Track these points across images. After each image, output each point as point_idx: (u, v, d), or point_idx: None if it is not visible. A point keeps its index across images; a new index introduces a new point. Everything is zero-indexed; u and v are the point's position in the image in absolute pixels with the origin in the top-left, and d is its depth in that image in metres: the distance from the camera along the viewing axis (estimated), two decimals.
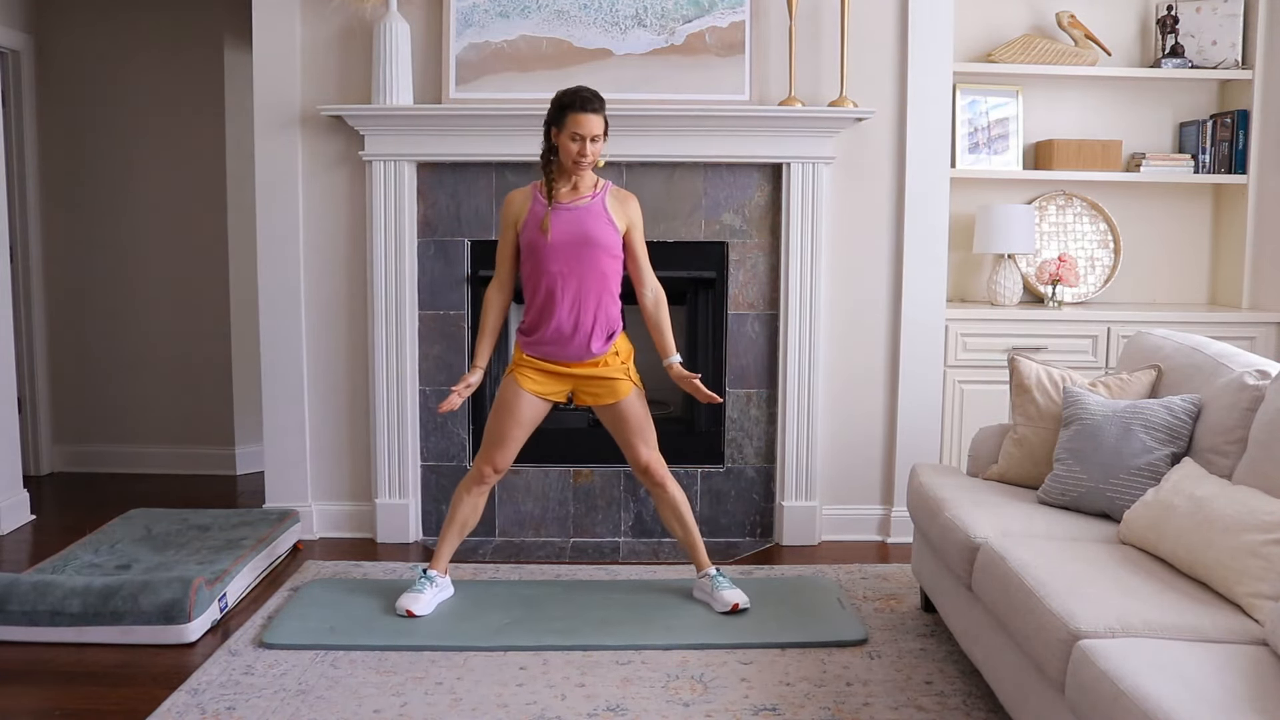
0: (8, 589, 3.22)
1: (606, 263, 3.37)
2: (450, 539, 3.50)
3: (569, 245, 3.33)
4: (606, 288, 3.39)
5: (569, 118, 3.29)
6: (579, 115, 3.28)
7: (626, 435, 3.48)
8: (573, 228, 3.34)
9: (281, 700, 2.84)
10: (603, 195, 3.40)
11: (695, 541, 3.54)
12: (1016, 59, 4.36)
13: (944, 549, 2.94)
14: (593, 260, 3.34)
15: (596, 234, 3.34)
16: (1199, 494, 2.51)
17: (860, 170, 4.15)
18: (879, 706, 2.81)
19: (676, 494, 3.52)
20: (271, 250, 4.16)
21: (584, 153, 3.30)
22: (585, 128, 3.28)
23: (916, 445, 4.20)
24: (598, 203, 3.38)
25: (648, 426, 3.50)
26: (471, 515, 3.50)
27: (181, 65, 5.15)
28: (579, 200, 3.37)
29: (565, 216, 3.34)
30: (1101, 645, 2.08)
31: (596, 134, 3.30)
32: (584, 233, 3.33)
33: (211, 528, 3.99)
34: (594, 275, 3.35)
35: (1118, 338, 4.20)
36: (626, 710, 2.79)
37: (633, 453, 3.50)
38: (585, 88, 3.35)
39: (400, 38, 3.98)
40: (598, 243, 3.34)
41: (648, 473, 3.49)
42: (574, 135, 3.29)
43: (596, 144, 3.32)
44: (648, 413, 3.51)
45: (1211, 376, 2.93)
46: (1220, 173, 4.42)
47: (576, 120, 3.28)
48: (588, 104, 3.29)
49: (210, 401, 5.30)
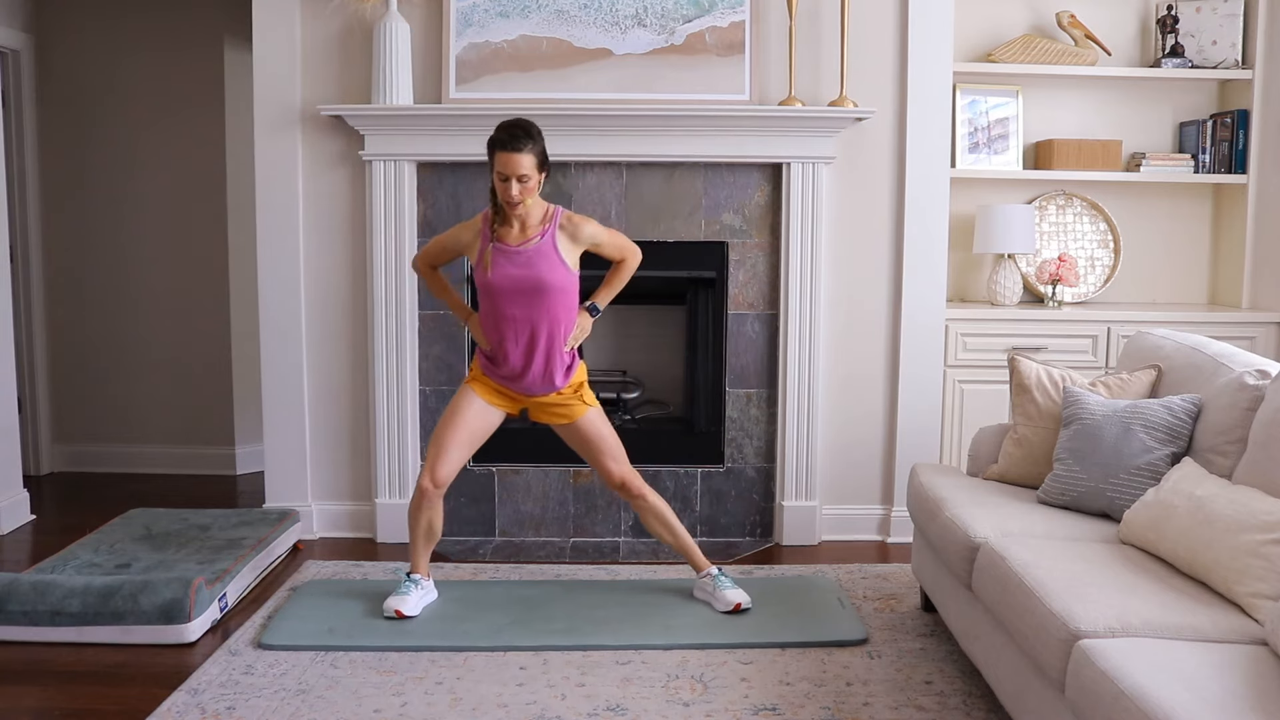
0: (8, 589, 3.22)
1: (561, 303, 3.28)
2: (420, 547, 3.44)
3: (521, 291, 3.24)
4: (562, 327, 3.31)
5: (494, 156, 3.14)
6: (502, 154, 3.13)
7: (592, 454, 3.45)
8: (524, 271, 3.23)
9: (281, 700, 2.84)
10: (552, 232, 3.26)
11: (687, 544, 3.53)
12: (1016, 59, 4.36)
13: (944, 549, 2.94)
14: (547, 304, 3.26)
15: (548, 277, 3.24)
16: (1199, 494, 2.51)
17: (860, 170, 4.15)
18: (879, 706, 2.81)
19: (657, 502, 3.50)
20: (271, 250, 4.16)
21: (510, 194, 3.15)
22: (510, 167, 3.12)
23: (916, 445, 4.20)
24: (547, 242, 3.25)
25: (612, 442, 3.45)
26: (429, 528, 3.41)
27: (181, 65, 5.15)
28: (528, 242, 3.25)
29: (516, 259, 3.24)
30: (1101, 645, 2.08)
31: (524, 173, 3.12)
32: (535, 277, 3.23)
33: (211, 528, 3.99)
34: (549, 318, 3.28)
35: (1118, 338, 4.20)
36: (626, 710, 2.79)
37: (603, 471, 3.46)
38: (516, 123, 3.17)
39: (400, 38, 3.98)
40: (550, 287, 3.24)
41: (624, 488, 3.45)
42: (500, 175, 3.15)
43: (527, 183, 3.14)
44: (610, 428, 3.47)
45: (1211, 376, 2.93)
46: (1220, 173, 4.42)
47: (500, 160, 3.13)
48: (510, 142, 3.11)
49: (210, 401, 5.30)
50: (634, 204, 4.14)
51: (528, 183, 3.15)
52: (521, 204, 3.19)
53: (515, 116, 3.24)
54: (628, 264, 3.45)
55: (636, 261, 3.46)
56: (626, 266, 3.45)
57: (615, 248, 3.41)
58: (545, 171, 3.23)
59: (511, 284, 3.25)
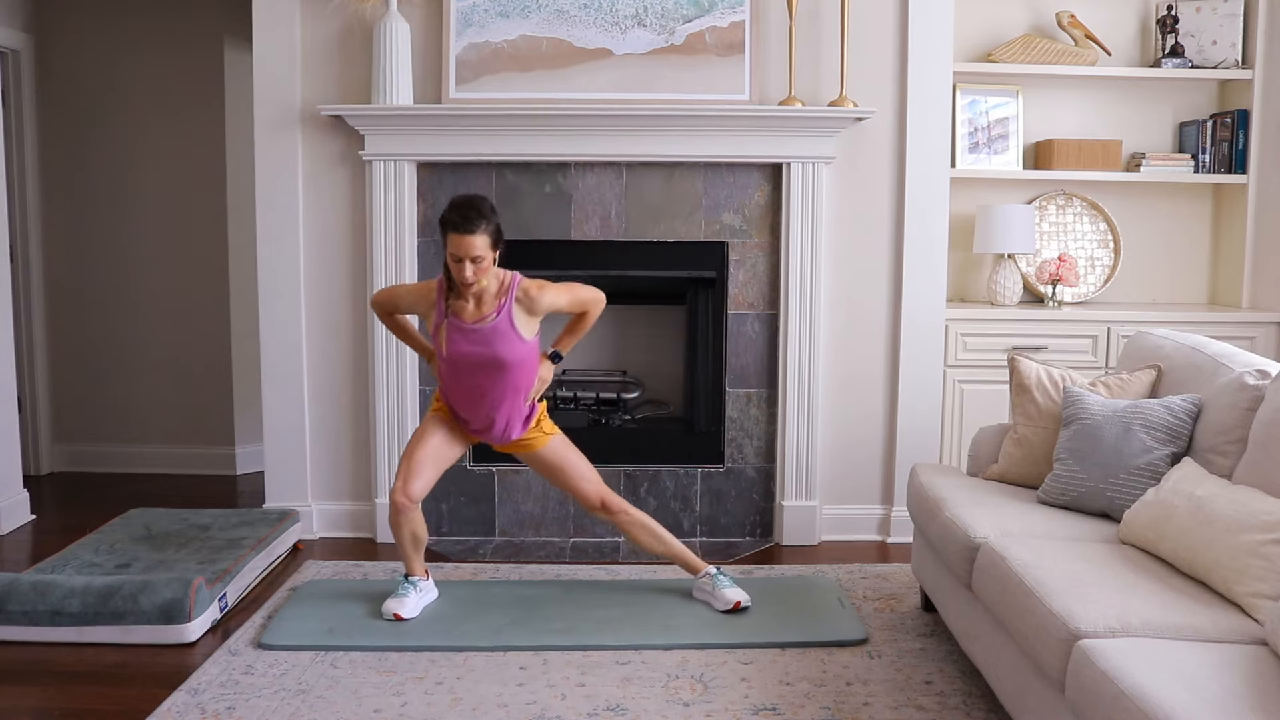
0: (8, 589, 3.22)
1: (520, 371, 3.25)
2: (409, 553, 3.41)
3: (477, 366, 3.21)
4: (522, 390, 3.29)
5: (446, 236, 3.05)
6: (454, 236, 3.02)
7: (562, 480, 3.43)
8: (480, 348, 3.18)
9: (281, 700, 2.84)
10: (508, 308, 3.18)
11: (679, 551, 3.52)
12: (1016, 59, 4.36)
13: (944, 549, 2.94)
14: (505, 375, 3.22)
15: (505, 354, 3.18)
16: (1199, 494, 2.51)
17: (860, 170, 4.15)
18: (879, 706, 2.81)
19: (640, 515, 3.49)
20: (271, 250, 4.16)
21: (464, 275, 3.05)
22: (462, 249, 3.01)
23: (916, 445, 4.20)
24: (503, 320, 3.17)
25: (581, 465, 3.43)
26: (413, 537, 3.37)
27: (181, 65, 5.15)
28: (483, 320, 3.18)
29: (472, 337, 3.18)
30: (1101, 645, 2.08)
31: (478, 254, 3.02)
32: (492, 355, 3.18)
33: (211, 527, 3.99)
34: (508, 385, 3.24)
35: (1118, 338, 4.20)
36: (626, 710, 2.79)
37: (578, 494, 3.44)
38: (469, 203, 3.06)
39: (400, 38, 3.98)
40: (506, 363, 3.20)
41: (605, 508, 3.43)
42: (453, 255, 3.04)
43: (480, 263, 3.05)
44: (575, 451, 3.45)
45: (1211, 376, 2.93)
46: (1220, 172, 4.42)
47: (453, 241, 3.03)
48: (463, 224, 3.00)
49: (210, 401, 5.30)
50: (634, 204, 4.14)
51: (481, 263, 3.06)
52: (476, 284, 3.12)
53: (467, 195, 3.14)
54: (590, 315, 3.36)
55: (599, 310, 3.36)
56: (590, 316, 3.37)
57: (576, 304, 3.31)
58: (499, 248, 3.14)
59: (468, 360, 3.22)
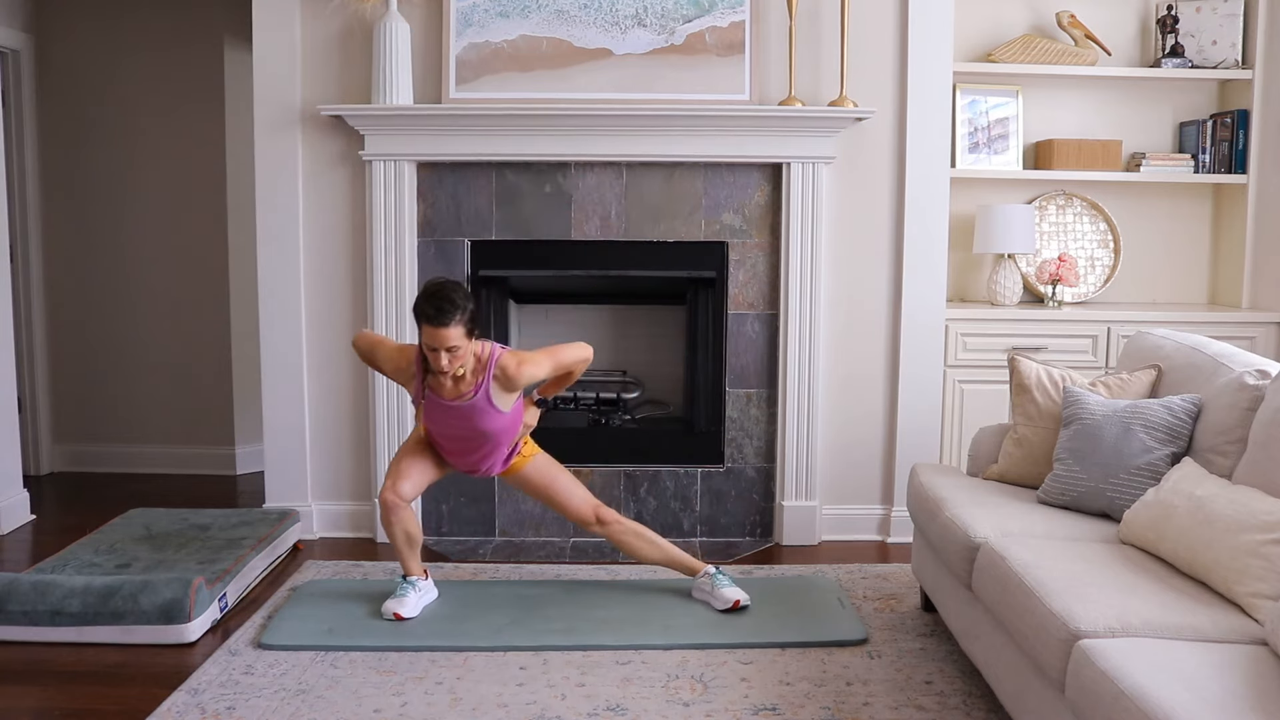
0: (8, 589, 3.22)
1: (503, 435, 3.28)
2: (405, 553, 3.41)
3: (459, 434, 3.26)
4: (504, 444, 3.32)
5: (421, 327, 3.03)
6: (428, 329, 3.00)
7: (549, 498, 3.45)
8: (461, 423, 3.22)
9: (281, 700, 2.84)
10: (486, 386, 3.17)
11: (675, 555, 3.52)
12: (1016, 59, 4.36)
13: (944, 549, 2.94)
14: (487, 440, 3.27)
15: (484, 427, 3.22)
16: (1199, 494, 2.51)
17: (860, 170, 4.15)
18: (879, 706, 2.81)
19: (632, 523, 3.51)
20: (271, 250, 4.16)
21: (440, 365, 3.05)
22: (437, 340, 3.00)
23: (916, 445, 4.20)
24: (481, 398, 3.18)
25: (566, 481, 3.45)
26: (406, 536, 3.37)
27: (181, 65, 5.15)
28: (462, 398, 3.19)
29: (451, 414, 3.21)
30: (1101, 645, 2.08)
31: (453, 344, 3.01)
32: (471, 428, 3.22)
33: (211, 527, 3.99)
34: (491, 444, 3.29)
35: (1118, 338, 4.20)
36: (626, 710, 2.79)
37: (570, 510, 3.45)
38: (441, 293, 3.00)
39: (400, 38, 3.98)
40: (487, 436, 3.25)
41: (599, 520, 3.44)
42: (429, 346, 3.03)
43: (456, 353, 3.03)
44: (559, 467, 3.48)
45: (1211, 376, 2.93)
46: (1220, 173, 4.42)
47: (427, 333, 3.01)
48: (437, 317, 2.97)
49: (210, 401, 5.30)
50: (634, 204, 4.14)
51: (457, 352, 3.05)
52: (453, 372, 3.12)
53: (440, 283, 3.08)
54: (575, 374, 3.36)
55: (585, 367, 3.36)
56: (575, 375, 3.36)
57: (558, 369, 3.30)
58: (475, 333, 3.12)
59: (449, 429, 3.27)
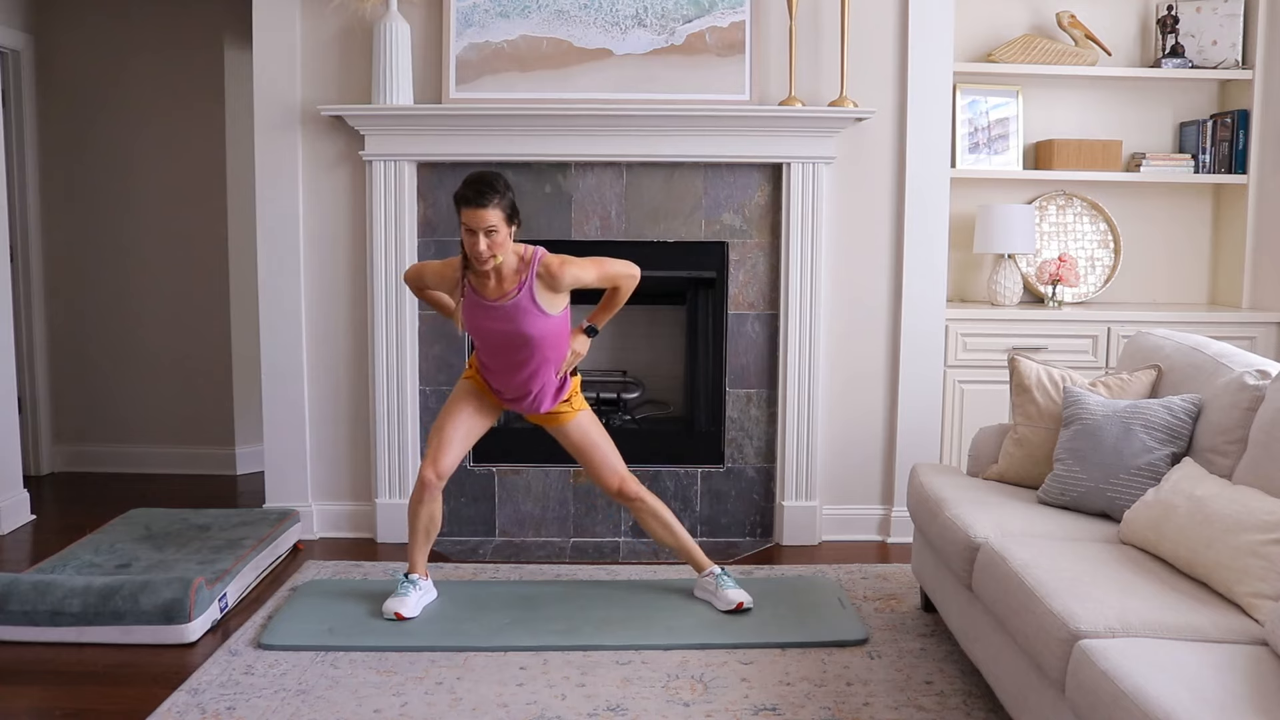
0: (8, 589, 3.22)
1: (550, 344, 3.25)
2: (419, 545, 3.43)
3: (504, 341, 3.23)
4: (552, 362, 3.29)
5: (460, 211, 3.09)
6: (466, 210, 3.07)
7: (584, 458, 3.44)
8: (504, 325, 3.20)
9: (281, 700, 2.84)
10: (529, 284, 3.17)
11: (688, 545, 3.53)
12: (1016, 59, 4.36)
13: (944, 549, 2.94)
14: (534, 349, 3.23)
15: (528, 329, 3.19)
16: (1199, 494, 2.51)
17: (860, 170, 4.15)
18: (879, 706, 2.81)
19: (655, 504, 3.50)
20: (271, 250, 4.16)
21: (478, 249, 3.07)
22: (475, 221, 3.05)
23: (916, 445, 4.20)
24: (525, 296, 3.17)
25: (605, 447, 3.43)
26: (430, 522, 3.41)
27: (181, 65, 5.15)
28: (505, 297, 3.19)
29: (494, 314, 3.20)
30: (1101, 645, 2.08)
31: (491, 226, 3.05)
32: (516, 330, 3.19)
33: (211, 528, 3.99)
34: (537, 358, 3.25)
35: (1118, 338, 4.20)
36: (626, 710, 2.79)
37: (599, 475, 3.44)
38: (481, 177, 3.09)
39: (400, 38, 3.98)
40: (531, 338, 3.20)
41: (622, 493, 3.44)
42: (467, 228, 3.08)
43: (495, 235, 3.06)
44: (602, 432, 3.46)
45: (1211, 376, 2.93)
46: (1220, 173, 4.42)
47: (466, 214, 3.07)
48: (474, 198, 3.04)
49: (210, 401, 5.30)
50: (634, 204, 4.14)
51: (496, 235, 3.07)
52: (491, 259, 3.11)
53: (480, 171, 3.15)
54: (624, 289, 3.35)
55: (634, 283, 3.34)
56: (623, 291, 3.36)
57: (604, 279, 3.29)
58: (516, 224, 3.16)
59: (493, 337, 3.24)
